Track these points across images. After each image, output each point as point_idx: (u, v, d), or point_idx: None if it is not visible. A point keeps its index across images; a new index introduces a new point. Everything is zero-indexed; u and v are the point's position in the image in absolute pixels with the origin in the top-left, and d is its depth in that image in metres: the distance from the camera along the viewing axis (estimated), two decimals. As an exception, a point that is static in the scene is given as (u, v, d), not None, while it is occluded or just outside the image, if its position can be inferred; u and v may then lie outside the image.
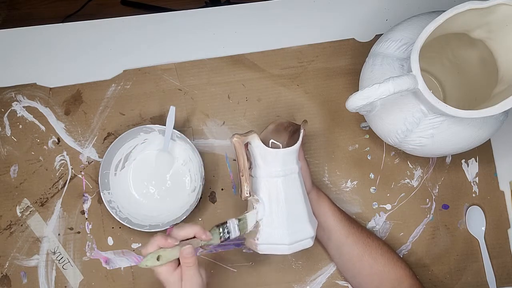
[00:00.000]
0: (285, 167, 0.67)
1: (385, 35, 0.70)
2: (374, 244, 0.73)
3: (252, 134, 0.65)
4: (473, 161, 0.81)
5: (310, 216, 0.69)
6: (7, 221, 0.80)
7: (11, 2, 1.50)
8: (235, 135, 0.64)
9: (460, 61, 0.74)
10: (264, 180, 0.67)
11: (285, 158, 0.66)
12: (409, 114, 0.65)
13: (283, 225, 0.66)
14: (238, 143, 0.64)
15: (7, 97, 0.82)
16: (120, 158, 0.78)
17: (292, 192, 0.67)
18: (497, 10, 0.58)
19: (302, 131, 0.68)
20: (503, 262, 0.80)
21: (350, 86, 0.82)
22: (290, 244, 0.66)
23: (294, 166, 0.67)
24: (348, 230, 0.73)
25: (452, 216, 0.81)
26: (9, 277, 0.79)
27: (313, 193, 0.74)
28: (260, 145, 0.65)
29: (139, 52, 0.83)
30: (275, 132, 0.74)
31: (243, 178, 0.65)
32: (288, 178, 0.67)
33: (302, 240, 0.68)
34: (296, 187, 0.68)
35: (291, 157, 0.67)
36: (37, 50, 0.83)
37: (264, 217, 0.67)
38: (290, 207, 0.67)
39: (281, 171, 0.66)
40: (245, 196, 0.65)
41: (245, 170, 0.65)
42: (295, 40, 0.83)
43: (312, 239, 0.69)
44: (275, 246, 0.67)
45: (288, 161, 0.67)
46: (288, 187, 0.67)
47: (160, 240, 0.59)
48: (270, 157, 0.66)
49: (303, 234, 0.68)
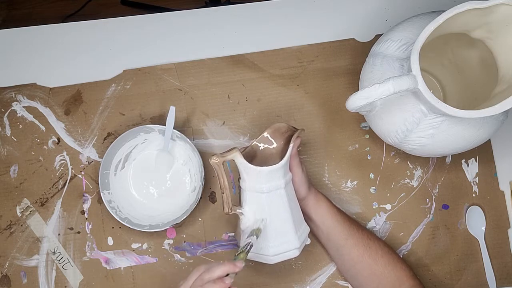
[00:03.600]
0: (269, 183, 0.66)
1: (385, 35, 0.70)
2: (374, 245, 0.72)
3: (234, 152, 0.65)
4: (473, 161, 0.81)
5: (297, 227, 0.69)
6: (7, 221, 0.80)
7: (11, 2, 1.50)
8: (214, 156, 0.64)
9: (460, 61, 0.74)
10: (250, 194, 0.68)
11: (270, 174, 0.66)
12: (409, 114, 0.65)
13: (267, 238, 0.67)
14: (217, 164, 0.65)
15: (7, 97, 0.82)
16: (120, 158, 0.78)
17: (277, 207, 0.67)
18: (497, 10, 0.58)
19: (291, 145, 0.67)
20: (503, 262, 0.80)
21: (350, 86, 0.82)
22: (274, 256, 0.68)
23: (280, 182, 0.67)
24: (348, 232, 0.73)
25: (452, 216, 0.81)
26: (9, 277, 0.79)
27: (311, 197, 0.73)
28: (243, 162, 0.65)
29: (139, 52, 0.83)
30: (271, 136, 0.74)
31: (224, 195, 0.67)
32: (273, 193, 0.67)
33: (287, 252, 0.69)
34: (282, 202, 0.68)
35: (277, 173, 0.66)
36: (37, 50, 0.83)
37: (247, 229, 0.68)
38: (274, 221, 0.67)
39: (265, 187, 0.66)
40: (226, 211, 0.68)
41: (225, 188, 0.66)
42: (295, 40, 0.83)
43: (298, 250, 0.69)
44: (260, 255, 0.69)
45: (274, 178, 0.66)
46: (272, 203, 0.67)
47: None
48: (254, 174, 0.66)
49: (288, 246, 0.68)
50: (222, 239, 0.80)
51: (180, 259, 0.79)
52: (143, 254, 0.79)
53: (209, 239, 0.80)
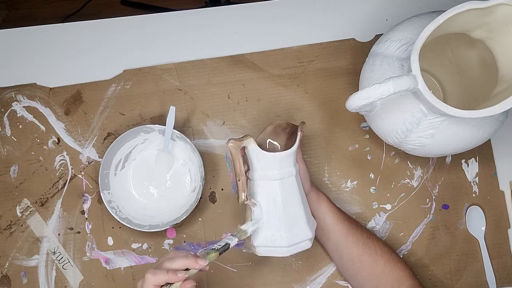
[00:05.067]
0: (282, 170, 0.66)
1: (385, 35, 0.70)
2: (374, 245, 0.73)
3: (248, 139, 0.65)
4: (473, 161, 0.81)
5: (308, 218, 0.69)
6: (7, 221, 0.80)
7: (11, 2, 1.50)
8: (231, 140, 0.64)
9: (460, 61, 0.74)
10: (262, 183, 0.67)
11: (282, 161, 0.66)
12: (409, 114, 0.65)
13: (281, 228, 0.67)
14: (234, 148, 0.64)
15: (7, 97, 0.82)
16: (120, 158, 0.78)
17: (289, 195, 0.67)
18: (497, 10, 0.58)
19: (299, 133, 0.68)
20: (503, 262, 0.80)
21: (350, 86, 0.82)
22: (288, 247, 0.67)
23: (291, 169, 0.67)
24: (348, 231, 0.73)
25: (452, 216, 0.81)
26: (9, 277, 0.79)
27: (312, 194, 0.74)
28: (257, 148, 0.65)
29: (139, 52, 0.83)
30: (273, 134, 0.74)
31: (239, 182, 0.66)
32: (285, 181, 0.67)
33: (301, 242, 0.68)
34: (293, 189, 0.68)
35: (288, 160, 0.67)
36: (37, 50, 0.83)
37: (261, 219, 0.67)
38: (287, 210, 0.67)
39: (278, 174, 0.66)
40: (242, 200, 0.66)
41: (241, 175, 0.65)
42: (295, 40, 0.83)
43: (310, 241, 0.69)
44: (274, 248, 0.67)
45: (285, 164, 0.67)
46: (285, 190, 0.67)
47: (155, 279, 0.57)
48: (267, 161, 0.66)
49: (301, 236, 0.68)
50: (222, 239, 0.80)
51: (180, 259, 0.79)
52: (143, 254, 0.79)
53: (209, 239, 0.80)
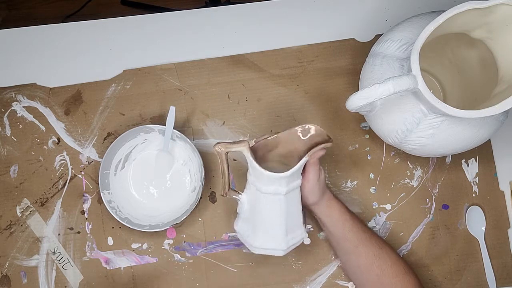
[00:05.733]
0: (269, 187, 0.65)
1: (385, 35, 0.70)
2: (384, 256, 0.71)
3: (242, 146, 0.64)
4: (473, 161, 0.81)
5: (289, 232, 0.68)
6: (7, 221, 0.80)
7: (11, 2, 1.50)
8: (218, 144, 0.64)
9: (460, 61, 0.74)
10: (252, 186, 0.67)
11: (271, 180, 0.64)
12: (409, 114, 0.65)
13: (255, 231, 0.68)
14: (219, 153, 0.65)
15: (7, 97, 0.82)
16: (120, 158, 0.78)
17: (271, 211, 0.67)
18: (497, 10, 0.58)
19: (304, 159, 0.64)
20: (503, 262, 0.80)
21: (350, 86, 0.82)
22: (257, 248, 0.68)
23: (280, 189, 0.65)
24: (358, 240, 0.71)
25: (452, 216, 0.81)
26: (9, 277, 0.79)
27: (323, 202, 0.72)
28: (249, 158, 0.64)
29: (139, 52, 0.83)
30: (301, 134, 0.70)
31: (222, 180, 0.68)
32: (270, 196, 0.65)
33: (271, 249, 0.69)
34: (277, 207, 0.66)
35: (278, 181, 0.64)
36: (37, 50, 0.83)
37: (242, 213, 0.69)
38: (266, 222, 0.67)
39: (264, 189, 0.65)
40: (221, 194, 0.69)
41: (224, 175, 0.67)
42: (295, 40, 0.83)
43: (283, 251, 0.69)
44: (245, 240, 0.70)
45: (275, 183, 0.64)
46: (267, 204, 0.66)
47: None
48: (257, 172, 0.64)
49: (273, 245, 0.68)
50: (222, 239, 0.80)
51: (180, 259, 0.79)
52: (143, 254, 0.79)
53: (209, 239, 0.80)
